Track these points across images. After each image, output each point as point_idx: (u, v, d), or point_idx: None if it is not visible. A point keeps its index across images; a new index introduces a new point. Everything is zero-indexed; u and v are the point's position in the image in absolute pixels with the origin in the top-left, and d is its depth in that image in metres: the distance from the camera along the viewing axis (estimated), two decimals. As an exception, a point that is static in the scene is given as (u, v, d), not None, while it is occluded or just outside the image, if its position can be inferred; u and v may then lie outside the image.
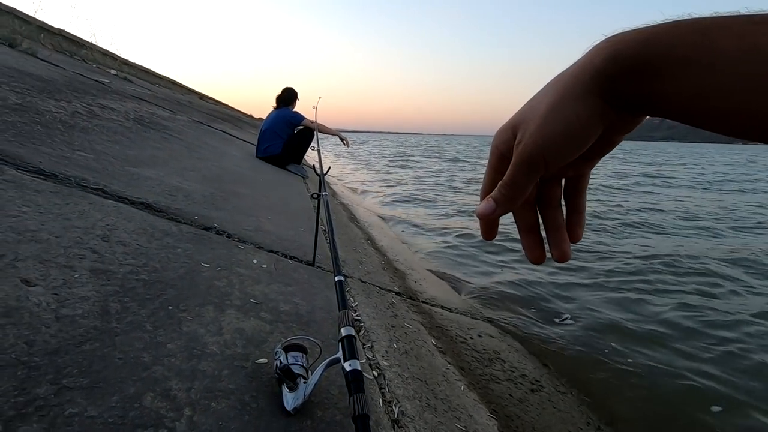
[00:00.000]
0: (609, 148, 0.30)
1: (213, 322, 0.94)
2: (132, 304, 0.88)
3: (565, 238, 0.33)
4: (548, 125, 0.27)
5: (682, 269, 3.40)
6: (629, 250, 4.04)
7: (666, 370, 1.93)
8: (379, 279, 2.20)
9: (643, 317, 2.50)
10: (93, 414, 0.59)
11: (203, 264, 1.22)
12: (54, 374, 0.62)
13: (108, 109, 3.12)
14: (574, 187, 0.33)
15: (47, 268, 0.86)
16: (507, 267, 3.43)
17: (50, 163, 1.49)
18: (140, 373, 0.70)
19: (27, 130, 1.78)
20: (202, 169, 2.77)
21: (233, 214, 1.96)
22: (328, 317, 1.21)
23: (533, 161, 0.28)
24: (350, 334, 0.74)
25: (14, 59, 3.33)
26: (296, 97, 4.86)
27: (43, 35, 6.31)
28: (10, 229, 0.94)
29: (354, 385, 0.65)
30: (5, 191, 1.11)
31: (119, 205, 1.39)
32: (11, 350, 0.63)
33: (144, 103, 4.65)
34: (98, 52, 8.38)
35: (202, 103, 11.08)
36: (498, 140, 0.32)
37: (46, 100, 2.40)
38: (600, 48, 0.25)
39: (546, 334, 2.22)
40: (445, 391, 1.29)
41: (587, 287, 2.98)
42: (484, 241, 0.37)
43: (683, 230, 5.09)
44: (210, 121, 6.71)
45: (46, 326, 0.71)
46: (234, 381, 0.78)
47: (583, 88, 0.26)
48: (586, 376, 1.85)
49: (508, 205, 0.31)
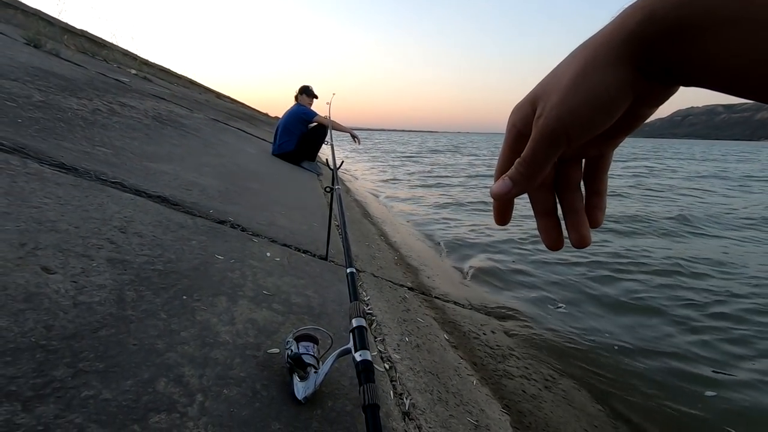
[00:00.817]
0: (636, 124, 0.28)
1: (226, 312, 0.95)
2: (147, 293, 0.89)
3: (584, 222, 0.30)
4: (572, 96, 0.25)
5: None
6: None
7: (683, 369, 1.89)
8: (391, 274, 2.19)
9: (668, 317, 2.44)
10: (107, 397, 0.60)
11: (217, 256, 1.23)
12: (71, 358, 0.64)
13: (128, 107, 3.19)
14: (595, 168, 0.31)
15: (66, 257, 0.88)
16: (523, 262, 3.39)
17: (71, 158, 1.53)
18: (154, 359, 0.72)
19: (50, 126, 1.83)
20: (217, 165, 2.81)
21: (247, 208, 1.98)
22: (340, 310, 1.21)
23: (555, 135, 0.26)
24: (361, 325, 0.73)
25: (39, 59, 3.43)
26: (311, 94, 4.87)
27: (66, 36, 6.48)
28: (31, 219, 0.96)
29: (364, 375, 0.64)
30: (27, 183, 1.14)
31: (136, 198, 1.41)
32: (30, 334, 0.65)
33: (162, 101, 4.74)
34: (119, 52, 8.57)
35: (219, 102, 11.24)
36: (515, 117, 0.30)
37: (68, 98, 2.47)
38: (633, 9, 0.23)
39: (561, 331, 2.18)
40: (457, 386, 1.28)
41: (606, 283, 2.93)
42: (498, 225, 0.35)
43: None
44: (226, 119, 6.80)
45: (64, 312, 0.73)
46: (245, 369, 0.79)
47: (613, 54, 0.23)
48: (603, 372, 1.82)
49: (526, 184, 0.29)
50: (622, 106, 0.24)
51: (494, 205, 0.32)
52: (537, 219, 0.33)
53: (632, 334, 2.19)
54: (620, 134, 0.29)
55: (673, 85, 0.24)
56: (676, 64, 0.22)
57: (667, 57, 0.22)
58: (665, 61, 0.22)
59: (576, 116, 0.25)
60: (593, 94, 0.24)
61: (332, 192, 1.55)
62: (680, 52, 0.21)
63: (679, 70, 0.22)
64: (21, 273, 0.77)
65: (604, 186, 0.31)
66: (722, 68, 0.20)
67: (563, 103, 0.25)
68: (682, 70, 0.22)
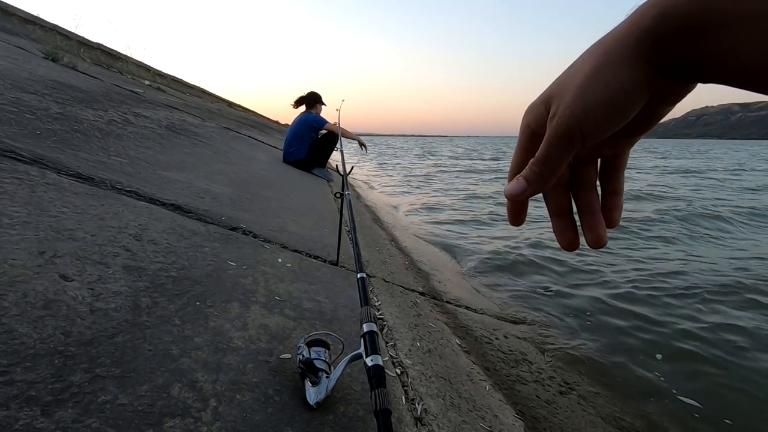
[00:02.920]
0: (653, 123, 0.27)
1: (238, 317, 0.96)
2: (161, 299, 0.91)
3: (600, 222, 0.30)
4: (587, 94, 0.24)
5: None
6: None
7: (702, 375, 1.84)
8: (402, 279, 2.19)
9: (689, 321, 2.39)
10: (124, 402, 0.61)
11: (230, 262, 1.25)
12: (88, 363, 0.65)
13: (142, 117, 3.26)
14: (611, 168, 0.30)
15: (83, 265, 0.90)
16: (536, 267, 3.35)
17: (87, 167, 1.56)
18: (169, 364, 0.73)
19: (67, 137, 1.88)
20: (229, 173, 2.85)
21: (259, 215, 2.00)
22: (351, 315, 1.21)
23: (569, 134, 0.25)
24: (372, 330, 0.73)
25: (57, 73, 3.52)
26: (320, 101, 4.92)
27: (82, 49, 6.66)
28: (50, 228, 0.99)
29: (376, 380, 0.64)
30: (46, 193, 1.17)
31: (150, 207, 1.44)
32: (49, 340, 0.66)
33: (175, 111, 4.82)
34: (133, 63, 8.77)
35: (230, 111, 11.40)
36: (529, 117, 0.30)
37: (84, 110, 2.53)
38: (647, 7, 0.22)
39: (575, 336, 2.15)
40: (470, 391, 1.27)
41: (617, 285, 2.88)
42: (512, 226, 0.35)
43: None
44: (238, 128, 6.89)
45: (82, 318, 0.74)
46: (258, 375, 0.80)
47: (627, 51, 0.23)
48: (619, 379, 1.78)
49: (540, 184, 0.28)
50: (637, 104, 0.24)
51: (508, 206, 0.32)
52: (552, 219, 0.33)
53: (652, 343, 2.14)
54: (636, 133, 0.28)
55: (690, 82, 0.24)
56: (691, 61, 0.22)
57: (682, 54, 0.22)
58: (680, 58, 0.22)
59: (591, 115, 0.24)
60: (608, 93, 0.24)
61: (342, 197, 1.56)
62: (695, 49, 0.21)
63: (695, 66, 0.22)
64: (40, 280, 0.79)
65: (620, 185, 0.31)
66: (740, 64, 0.20)
67: (577, 101, 0.25)
68: (697, 66, 0.22)
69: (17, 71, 2.74)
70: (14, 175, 1.20)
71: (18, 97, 2.09)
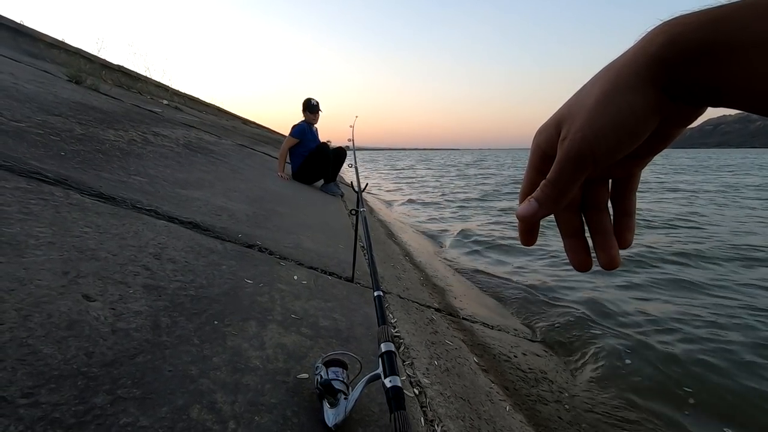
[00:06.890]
0: (664, 145, 0.27)
1: (255, 336, 0.96)
2: (180, 319, 0.91)
3: (613, 243, 0.30)
4: (598, 118, 0.25)
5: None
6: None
7: (727, 388, 1.77)
8: (418, 295, 2.17)
9: (707, 337, 2.31)
10: (145, 424, 0.61)
11: (246, 280, 1.25)
12: (110, 385, 0.66)
13: (160, 136, 3.34)
14: (623, 189, 0.31)
15: (105, 284, 0.92)
16: (552, 283, 3.29)
17: (109, 187, 1.60)
18: (188, 385, 0.73)
19: (90, 157, 1.93)
20: (245, 189, 2.89)
21: (274, 232, 2.01)
22: (368, 333, 1.20)
23: (580, 157, 0.26)
24: (390, 350, 0.73)
25: (80, 95, 3.65)
26: (305, 108, 4.68)
27: (104, 72, 6.90)
28: (73, 248, 1.01)
29: (395, 402, 0.63)
30: (70, 213, 1.20)
31: (170, 225, 1.46)
32: (73, 361, 0.67)
33: (192, 129, 4.94)
34: (152, 84, 9.05)
35: (245, 128, 11.63)
36: (540, 138, 0.30)
37: (106, 130, 2.61)
38: (656, 33, 0.23)
39: (595, 354, 2.09)
40: (489, 412, 1.24)
41: (641, 301, 2.80)
42: (524, 246, 0.35)
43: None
44: (252, 144, 7.01)
45: (104, 339, 0.75)
46: (276, 395, 0.79)
47: (637, 76, 0.23)
48: (642, 397, 1.72)
49: (552, 206, 0.29)
50: (648, 127, 0.24)
51: (520, 227, 0.32)
52: (564, 240, 0.32)
53: (673, 358, 2.07)
54: (648, 155, 0.28)
55: (700, 106, 0.24)
56: (701, 86, 0.22)
57: (691, 79, 0.22)
58: (689, 83, 0.22)
59: (602, 138, 0.25)
60: (619, 117, 0.24)
61: (357, 214, 1.57)
62: (705, 75, 0.21)
63: (705, 91, 0.22)
64: (64, 301, 0.81)
65: (632, 206, 0.31)
66: (748, 89, 0.20)
67: (589, 125, 0.25)
68: (707, 91, 0.22)
69: (43, 94, 2.85)
70: (40, 196, 1.23)
71: (44, 120, 2.17)
